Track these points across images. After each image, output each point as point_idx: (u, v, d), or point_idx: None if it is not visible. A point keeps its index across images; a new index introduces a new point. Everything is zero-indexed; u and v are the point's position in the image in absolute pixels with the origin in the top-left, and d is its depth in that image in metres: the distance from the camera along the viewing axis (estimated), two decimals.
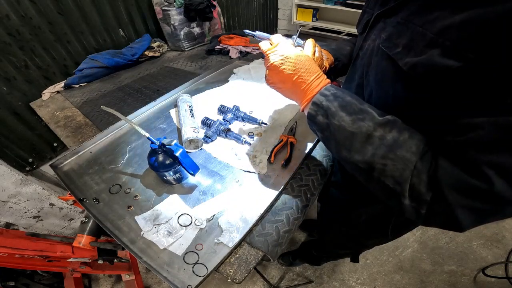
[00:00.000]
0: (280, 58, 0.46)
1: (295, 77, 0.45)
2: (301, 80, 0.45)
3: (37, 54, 1.18)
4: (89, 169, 0.74)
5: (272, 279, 1.35)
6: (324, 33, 2.53)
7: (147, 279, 1.36)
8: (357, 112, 0.39)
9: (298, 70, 0.45)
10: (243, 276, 0.51)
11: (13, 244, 0.82)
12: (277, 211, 0.62)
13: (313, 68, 0.46)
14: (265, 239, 0.56)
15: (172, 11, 1.44)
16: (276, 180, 0.68)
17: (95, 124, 0.96)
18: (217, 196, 0.64)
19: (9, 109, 1.16)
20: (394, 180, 0.34)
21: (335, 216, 0.83)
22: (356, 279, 1.35)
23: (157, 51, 1.53)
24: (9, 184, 1.03)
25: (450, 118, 0.34)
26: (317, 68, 0.47)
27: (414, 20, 0.35)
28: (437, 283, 1.32)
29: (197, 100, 0.99)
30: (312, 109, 0.43)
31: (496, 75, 0.26)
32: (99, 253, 0.83)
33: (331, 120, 0.40)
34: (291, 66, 0.45)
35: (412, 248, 1.46)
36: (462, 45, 0.28)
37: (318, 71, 0.46)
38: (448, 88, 0.32)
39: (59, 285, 1.22)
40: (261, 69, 1.19)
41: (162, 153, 0.61)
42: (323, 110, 0.41)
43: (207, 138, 0.79)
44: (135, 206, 0.63)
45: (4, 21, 1.04)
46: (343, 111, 0.39)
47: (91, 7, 1.30)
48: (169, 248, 0.54)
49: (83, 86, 1.25)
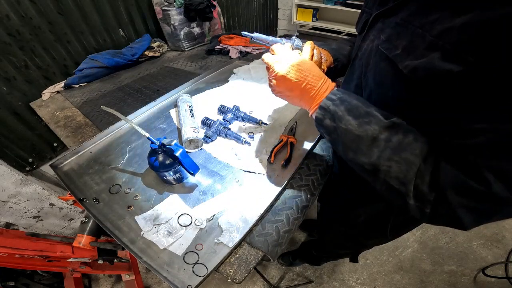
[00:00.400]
0: (286, 67, 0.46)
1: (303, 84, 0.45)
2: (310, 86, 0.45)
3: (37, 54, 1.18)
4: (89, 169, 0.74)
5: (272, 279, 1.35)
6: (324, 33, 2.53)
7: (147, 279, 1.36)
8: (363, 115, 0.39)
9: (305, 77, 0.45)
10: (243, 276, 0.51)
11: (13, 244, 0.82)
12: (277, 211, 0.62)
13: (319, 73, 0.46)
14: (265, 239, 0.56)
15: (172, 11, 1.44)
16: (276, 180, 0.68)
17: (95, 124, 0.96)
18: (217, 196, 0.64)
19: (9, 109, 1.16)
20: (399, 181, 0.35)
21: (334, 216, 0.84)
22: (356, 279, 1.35)
23: (157, 51, 1.53)
24: (9, 184, 1.03)
25: (450, 120, 0.34)
26: (322, 72, 0.47)
27: (413, 22, 0.35)
28: (437, 283, 1.32)
29: (197, 100, 0.99)
30: (319, 113, 0.44)
31: (496, 76, 0.27)
32: (99, 253, 0.83)
33: (338, 124, 0.41)
34: (298, 74, 0.45)
35: (412, 248, 1.46)
36: (462, 48, 0.28)
37: (323, 76, 0.46)
38: (449, 91, 0.32)
39: (59, 285, 1.22)
40: (261, 69, 1.19)
41: (162, 153, 0.61)
42: (330, 114, 0.42)
43: (207, 138, 0.79)
44: (135, 206, 0.63)
45: (4, 21, 1.04)
46: (350, 114, 0.40)
47: (91, 7, 1.30)
48: (169, 248, 0.54)
49: (83, 86, 1.25)
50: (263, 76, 1.14)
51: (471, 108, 0.30)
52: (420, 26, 0.33)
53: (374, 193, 0.50)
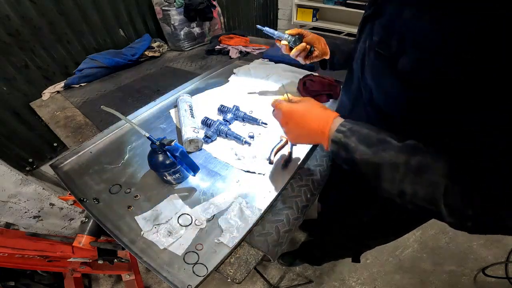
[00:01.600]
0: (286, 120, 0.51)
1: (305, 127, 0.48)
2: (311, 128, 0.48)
3: (37, 54, 1.18)
4: (89, 169, 0.74)
5: (272, 279, 1.35)
6: (324, 33, 2.53)
7: (147, 279, 1.36)
8: (376, 144, 0.39)
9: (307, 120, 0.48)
10: (243, 276, 0.51)
11: (13, 244, 0.82)
12: (277, 211, 0.62)
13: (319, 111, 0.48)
14: (265, 239, 0.56)
15: (172, 11, 1.44)
16: (276, 180, 0.68)
17: (95, 124, 0.96)
18: (217, 196, 0.64)
19: (9, 109, 1.16)
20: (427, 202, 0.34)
21: (335, 216, 0.83)
22: (356, 279, 1.35)
23: (157, 51, 1.53)
24: (9, 184, 1.03)
25: (451, 122, 0.34)
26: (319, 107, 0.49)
27: (397, 21, 0.36)
28: (437, 283, 1.32)
29: (197, 100, 0.99)
30: (333, 146, 0.44)
31: (497, 76, 0.26)
32: (99, 253, 0.83)
33: (352, 155, 0.41)
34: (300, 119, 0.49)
35: (412, 248, 1.46)
36: (461, 49, 0.29)
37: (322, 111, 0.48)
38: (446, 91, 0.32)
39: (59, 285, 1.22)
40: (261, 69, 1.19)
41: (162, 153, 0.61)
42: (343, 146, 0.42)
43: (207, 138, 0.79)
44: (135, 206, 0.63)
45: (4, 21, 1.04)
46: (362, 144, 0.40)
47: (91, 7, 1.30)
48: (169, 248, 0.54)
49: (83, 86, 1.25)
50: (263, 76, 1.14)
51: (471, 109, 0.30)
52: (405, 25, 0.34)
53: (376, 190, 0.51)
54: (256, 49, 1.47)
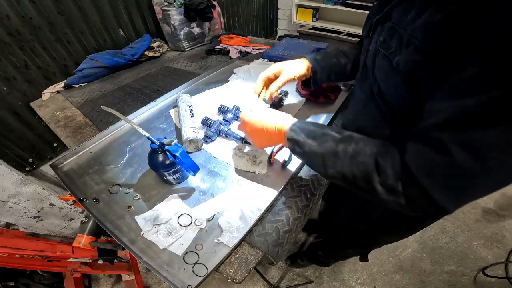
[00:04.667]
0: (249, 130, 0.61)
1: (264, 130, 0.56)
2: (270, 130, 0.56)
3: (37, 54, 1.18)
4: (89, 169, 0.74)
5: (272, 279, 1.35)
6: (324, 33, 2.53)
7: (147, 279, 1.36)
8: (320, 136, 0.47)
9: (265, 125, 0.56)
10: (243, 276, 0.51)
11: (13, 244, 0.82)
12: (277, 211, 0.62)
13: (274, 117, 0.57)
14: (265, 239, 0.56)
15: (172, 11, 1.44)
16: (276, 180, 0.68)
17: (95, 124, 0.96)
18: (217, 196, 0.64)
19: (9, 109, 1.16)
20: (364, 181, 0.40)
21: (347, 214, 0.84)
22: (356, 279, 1.35)
23: (157, 51, 1.53)
24: (9, 184, 1.03)
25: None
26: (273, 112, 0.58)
27: (400, 24, 0.41)
28: (437, 283, 1.32)
29: (197, 100, 0.99)
30: (289, 144, 0.52)
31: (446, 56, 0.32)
32: (99, 253, 0.83)
33: (303, 149, 0.49)
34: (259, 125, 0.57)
35: (412, 248, 1.46)
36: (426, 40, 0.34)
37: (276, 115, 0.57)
38: (423, 81, 0.37)
39: (59, 285, 1.23)
40: (261, 69, 1.19)
41: (162, 153, 0.61)
42: (296, 142, 0.50)
43: (207, 138, 0.79)
44: (135, 206, 0.63)
45: (4, 21, 1.04)
46: (309, 138, 0.48)
47: (91, 7, 1.30)
48: (169, 248, 0.54)
49: (83, 86, 1.25)
50: None
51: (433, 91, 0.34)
52: (404, 27, 0.39)
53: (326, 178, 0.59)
54: (256, 49, 1.47)
